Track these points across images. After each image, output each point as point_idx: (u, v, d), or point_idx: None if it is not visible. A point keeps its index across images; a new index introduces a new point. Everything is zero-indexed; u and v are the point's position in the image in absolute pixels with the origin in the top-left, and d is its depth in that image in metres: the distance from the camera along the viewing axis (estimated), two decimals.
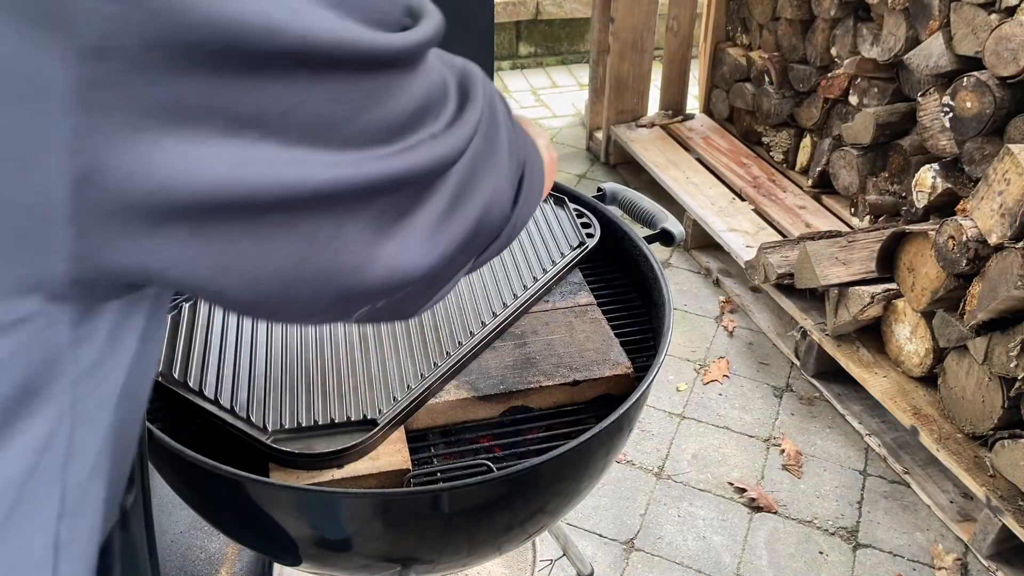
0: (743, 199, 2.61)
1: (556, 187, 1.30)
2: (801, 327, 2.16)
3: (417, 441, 0.94)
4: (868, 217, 2.31)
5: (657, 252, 1.32)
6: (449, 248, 0.44)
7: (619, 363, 1.00)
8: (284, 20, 0.31)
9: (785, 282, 2.14)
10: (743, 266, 2.30)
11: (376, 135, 0.37)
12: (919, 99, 2.03)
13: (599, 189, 1.29)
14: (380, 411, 0.89)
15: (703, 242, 2.60)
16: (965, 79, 1.79)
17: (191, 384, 0.91)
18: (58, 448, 0.37)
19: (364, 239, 0.39)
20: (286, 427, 0.87)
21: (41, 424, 0.36)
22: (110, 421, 0.42)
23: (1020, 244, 1.55)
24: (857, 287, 1.96)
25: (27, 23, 0.27)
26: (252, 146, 0.33)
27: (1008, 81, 1.72)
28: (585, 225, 1.22)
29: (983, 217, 1.62)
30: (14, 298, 0.32)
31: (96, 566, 0.46)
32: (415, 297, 0.46)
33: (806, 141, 2.63)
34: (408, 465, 0.87)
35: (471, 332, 1.00)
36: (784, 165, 2.73)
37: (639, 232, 1.21)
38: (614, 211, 1.26)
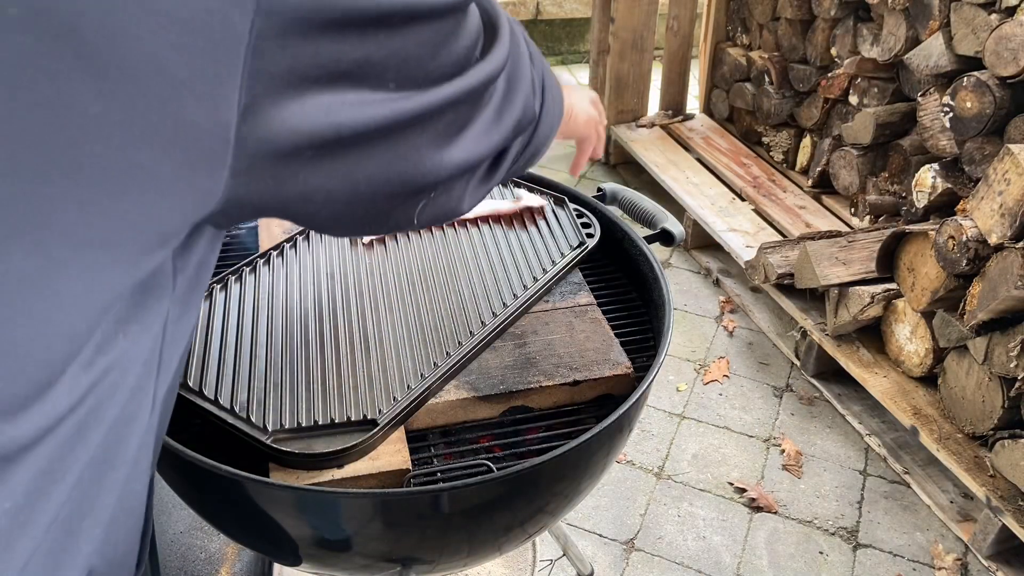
0: (743, 199, 2.61)
1: (556, 187, 1.30)
2: (801, 327, 2.16)
3: (417, 441, 0.94)
4: (868, 217, 2.31)
5: (657, 252, 1.32)
6: (500, 140, 0.55)
7: (619, 363, 1.00)
8: None
9: (785, 282, 2.14)
10: (743, 266, 2.29)
11: (447, 69, 0.47)
12: (919, 99, 2.03)
13: (599, 189, 1.29)
14: (380, 411, 0.89)
15: (703, 242, 2.60)
16: (965, 79, 1.79)
17: (191, 384, 0.91)
18: (154, 362, 0.46)
19: (434, 146, 0.49)
20: (286, 427, 0.87)
21: (148, 340, 0.44)
22: (177, 363, 0.49)
23: (1020, 244, 1.55)
24: (857, 287, 1.96)
25: None
26: (359, 89, 0.42)
27: (1008, 81, 1.72)
28: (585, 225, 1.22)
29: (983, 217, 1.62)
30: (190, 213, 0.40)
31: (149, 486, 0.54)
32: (469, 187, 0.56)
33: (806, 141, 2.62)
34: (408, 465, 0.87)
35: (471, 332, 1.00)
36: (784, 165, 2.73)
37: (639, 232, 1.21)
38: (614, 211, 1.26)
